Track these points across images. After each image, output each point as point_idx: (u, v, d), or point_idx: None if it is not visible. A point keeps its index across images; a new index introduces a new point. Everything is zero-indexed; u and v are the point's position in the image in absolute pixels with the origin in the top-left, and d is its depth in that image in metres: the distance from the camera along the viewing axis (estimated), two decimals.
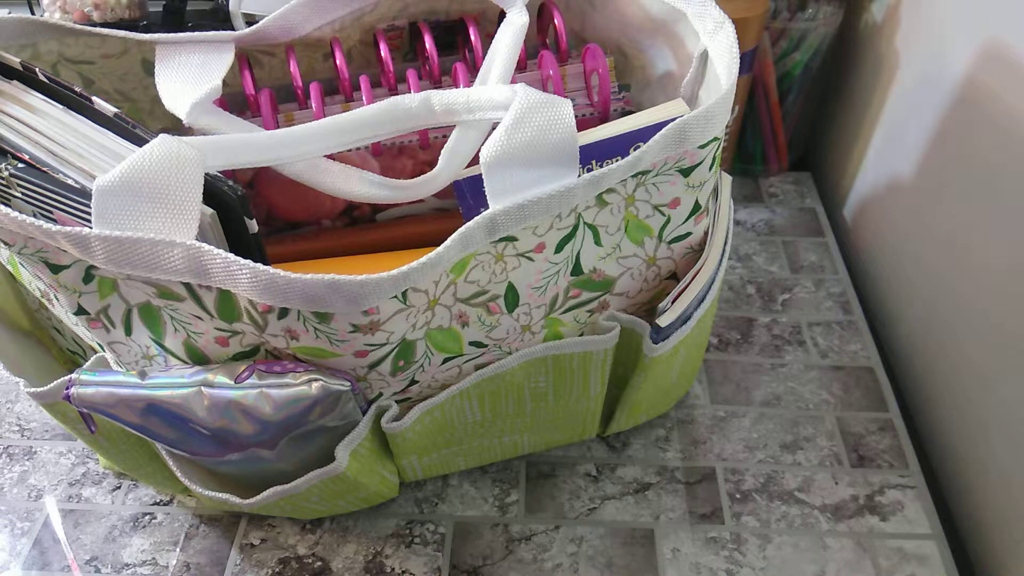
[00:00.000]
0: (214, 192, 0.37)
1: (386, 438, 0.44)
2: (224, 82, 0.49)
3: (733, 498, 0.50)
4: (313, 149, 0.39)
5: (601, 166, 0.40)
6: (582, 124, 0.47)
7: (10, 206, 0.37)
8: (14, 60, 0.38)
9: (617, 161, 0.39)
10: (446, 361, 0.41)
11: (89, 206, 0.33)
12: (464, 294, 0.38)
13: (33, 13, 0.69)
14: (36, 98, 0.38)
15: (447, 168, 0.41)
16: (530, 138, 0.35)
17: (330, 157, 0.45)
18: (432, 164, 0.46)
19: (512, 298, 0.40)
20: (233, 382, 0.37)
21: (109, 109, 0.37)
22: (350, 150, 0.46)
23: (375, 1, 0.48)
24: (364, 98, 0.44)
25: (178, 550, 0.48)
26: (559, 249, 0.39)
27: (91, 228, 0.33)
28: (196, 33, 0.44)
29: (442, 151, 0.41)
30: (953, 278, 0.52)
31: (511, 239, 0.37)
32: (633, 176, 0.38)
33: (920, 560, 0.47)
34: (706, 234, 0.44)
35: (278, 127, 0.45)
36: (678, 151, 0.37)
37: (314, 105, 0.44)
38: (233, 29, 0.48)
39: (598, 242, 0.40)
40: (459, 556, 0.47)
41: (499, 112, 0.38)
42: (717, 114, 0.37)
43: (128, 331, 0.38)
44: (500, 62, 0.42)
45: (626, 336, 0.44)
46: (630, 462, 0.52)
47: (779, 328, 0.60)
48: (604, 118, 0.47)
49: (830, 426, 0.54)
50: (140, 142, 0.37)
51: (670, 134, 0.36)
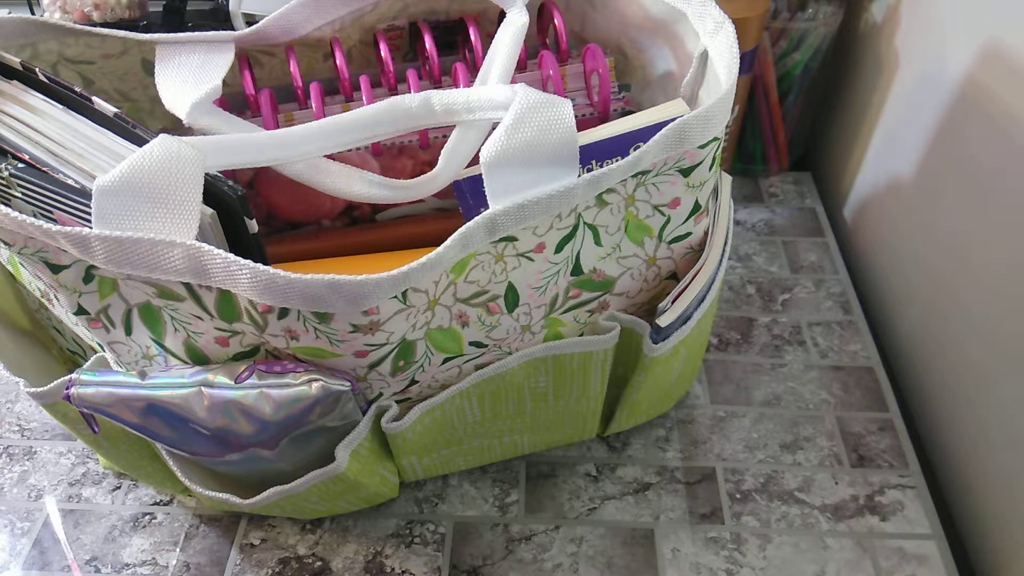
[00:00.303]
0: (214, 192, 0.37)
1: (386, 438, 0.44)
2: (224, 82, 0.49)
3: (733, 498, 0.50)
4: (313, 149, 0.39)
5: (601, 166, 0.40)
6: (582, 124, 0.47)
7: (10, 206, 0.37)
8: (14, 60, 0.38)
9: (617, 161, 0.39)
10: (446, 361, 0.41)
11: (89, 206, 0.33)
12: (464, 294, 0.38)
13: (33, 13, 0.69)
14: (36, 98, 0.38)
15: (447, 168, 0.41)
16: (530, 138, 0.35)
17: (330, 157, 0.45)
18: (432, 164, 0.46)
19: (512, 298, 0.40)
20: (233, 382, 0.37)
21: (109, 109, 0.37)
22: (350, 150, 0.46)
23: (375, 1, 0.48)
24: (364, 98, 0.44)
25: (178, 550, 0.48)
26: (559, 249, 0.39)
27: (91, 228, 0.33)
28: (196, 33, 0.44)
29: (442, 151, 0.41)
30: (953, 278, 0.52)
31: (511, 239, 0.37)
32: (633, 176, 0.38)
33: (920, 560, 0.47)
34: (706, 234, 0.44)
35: (278, 127, 0.45)
36: (678, 151, 0.37)
37: (314, 105, 0.44)
38: (233, 29, 0.48)
39: (598, 242, 0.40)
40: (459, 556, 0.47)
41: (499, 112, 0.38)
42: (717, 114, 0.37)
43: (128, 331, 0.38)
44: (500, 62, 0.42)
45: (626, 336, 0.44)
46: (630, 462, 0.52)
47: (779, 328, 0.60)
48: (604, 118, 0.47)
49: (830, 426, 0.54)
50: (140, 142, 0.37)
51: (670, 134, 0.36)
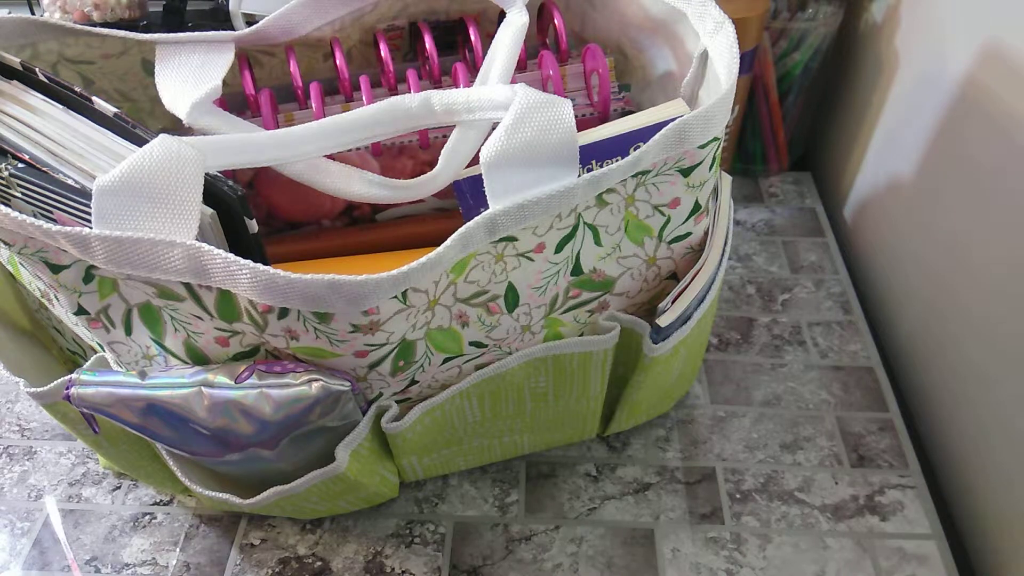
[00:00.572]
0: (214, 192, 0.37)
1: (386, 438, 0.44)
2: (224, 82, 0.49)
3: (733, 498, 0.50)
4: (313, 149, 0.39)
5: (601, 166, 0.40)
6: (582, 124, 0.47)
7: (10, 206, 0.37)
8: (14, 60, 0.38)
9: (617, 161, 0.39)
10: (446, 361, 0.41)
11: (89, 206, 0.33)
12: (464, 294, 0.38)
13: (33, 13, 0.69)
14: (36, 98, 0.38)
15: (447, 168, 0.41)
16: (530, 138, 0.35)
17: (330, 157, 0.45)
18: (432, 164, 0.46)
19: (512, 298, 0.40)
20: (233, 382, 0.37)
21: (109, 109, 0.37)
22: (350, 150, 0.46)
23: (375, 1, 0.48)
24: (364, 98, 0.44)
25: (178, 550, 0.48)
26: (559, 249, 0.39)
27: (91, 228, 0.33)
28: (196, 33, 0.44)
29: (442, 151, 0.41)
30: (953, 278, 0.52)
31: (511, 239, 0.37)
32: (633, 176, 0.38)
33: (920, 560, 0.47)
34: (706, 234, 0.44)
35: (278, 127, 0.45)
36: (678, 151, 0.37)
37: (314, 105, 0.44)
38: (233, 29, 0.48)
39: (598, 242, 0.40)
40: (459, 556, 0.47)
41: (499, 112, 0.38)
42: (717, 114, 0.37)
43: (128, 331, 0.38)
44: (500, 62, 0.42)
45: (626, 336, 0.44)
46: (630, 462, 0.52)
47: (779, 328, 0.60)
48: (604, 118, 0.47)
49: (830, 426, 0.54)
50: (140, 142, 0.37)
51: (670, 134, 0.36)
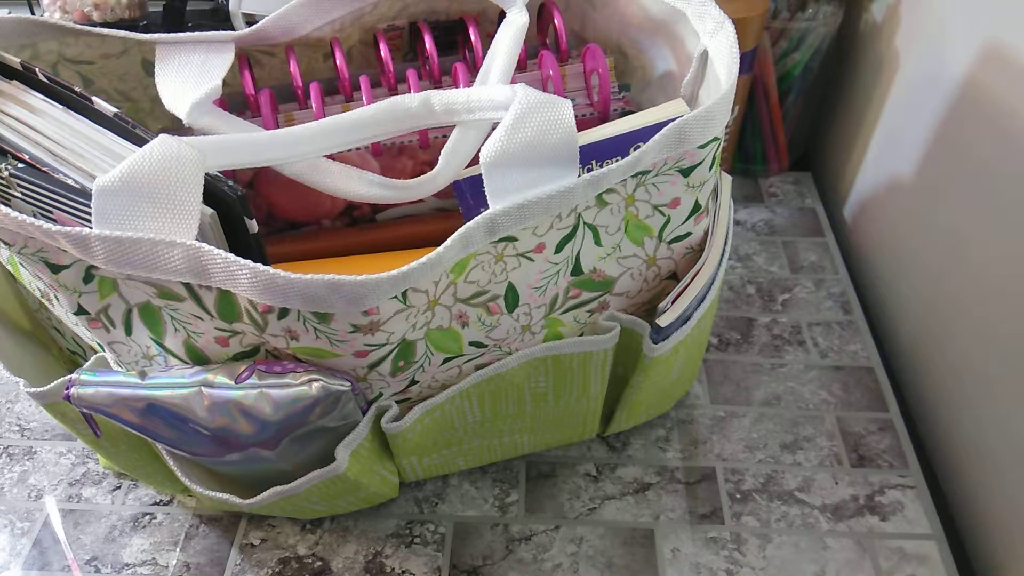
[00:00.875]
0: (214, 192, 0.37)
1: (386, 438, 0.44)
2: (224, 82, 0.49)
3: (733, 498, 0.50)
4: (313, 149, 0.39)
5: (601, 166, 0.40)
6: (582, 124, 0.47)
7: (10, 206, 0.37)
8: (14, 60, 0.38)
9: (617, 161, 0.39)
10: (446, 361, 0.41)
11: (89, 206, 0.33)
12: (464, 294, 0.38)
13: (33, 13, 0.69)
14: (36, 98, 0.38)
15: (447, 168, 0.41)
16: (530, 138, 0.35)
17: (330, 157, 0.45)
18: (432, 164, 0.46)
19: (512, 298, 0.40)
20: (233, 382, 0.37)
21: (109, 109, 0.37)
22: (350, 150, 0.46)
23: (375, 1, 0.48)
24: (364, 98, 0.44)
25: (178, 550, 0.48)
26: (559, 249, 0.39)
27: (91, 228, 0.33)
28: (196, 33, 0.44)
29: (442, 151, 0.41)
30: (953, 278, 0.52)
31: (511, 239, 0.37)
32: (633, 176, 0.38)
33: (920, 560, 0.47)
34: (706, 234, 0.44)
35: (278, 127, 0.45)
36: (678, 151, 0.37)
37: (314, 105, 0.44)
38: (233, 29, 0.48)
39: (598, 242, 0.40)
40: (459, 556, 0.47)
41: (499, 112, 0.38)
42: (717, 114, 0.37)
43: (128, 331, 0.38)
44: (500, 62, 0.42)
45: (626, 336, 0.44)
46: (630, 462, 0.52)
47: (779, 328, 0.60)
48: (604, 118, 0.47)
49: (830, 426, 0.54)
50: (140, 142, 0.37)
51: (670, 134, 0.36)
